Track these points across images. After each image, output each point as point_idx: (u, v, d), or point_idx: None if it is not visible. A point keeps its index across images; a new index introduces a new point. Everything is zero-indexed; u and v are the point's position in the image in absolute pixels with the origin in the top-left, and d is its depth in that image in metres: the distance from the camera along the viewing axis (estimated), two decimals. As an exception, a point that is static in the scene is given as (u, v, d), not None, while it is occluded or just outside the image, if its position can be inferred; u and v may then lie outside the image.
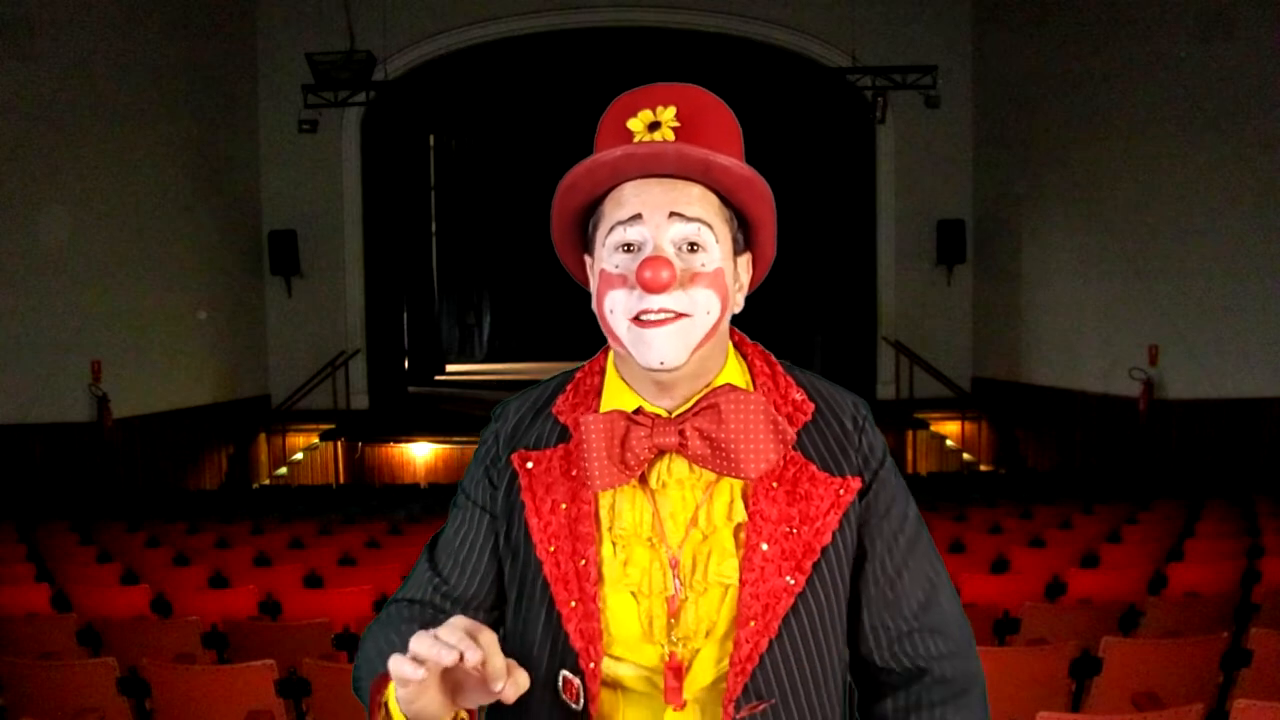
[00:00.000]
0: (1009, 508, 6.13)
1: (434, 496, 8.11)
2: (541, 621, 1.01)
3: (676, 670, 0.98)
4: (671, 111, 0.97)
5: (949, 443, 10.55)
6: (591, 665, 0.98)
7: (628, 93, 1.01)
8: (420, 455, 10.49)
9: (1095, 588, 3.79)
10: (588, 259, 1.03)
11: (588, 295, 1.04)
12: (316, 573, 4.40)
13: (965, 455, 10.46)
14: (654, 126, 0.97)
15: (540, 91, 11.57)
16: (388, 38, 10.21)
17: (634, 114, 0.98)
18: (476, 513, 1.08)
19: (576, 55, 10.80)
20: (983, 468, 10.33)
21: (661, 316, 0.93)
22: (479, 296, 16.01)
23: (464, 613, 1.04)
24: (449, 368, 15.26)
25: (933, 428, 10.51)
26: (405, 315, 12.73)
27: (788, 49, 10.85)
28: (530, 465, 1.03)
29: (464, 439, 10.15)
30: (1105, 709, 2.77)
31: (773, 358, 1.07)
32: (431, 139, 14.26)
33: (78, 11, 7.72)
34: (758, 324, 1.17)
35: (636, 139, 0.96)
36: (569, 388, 1.07)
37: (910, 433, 10.32)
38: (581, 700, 0.98)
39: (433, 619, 1.04)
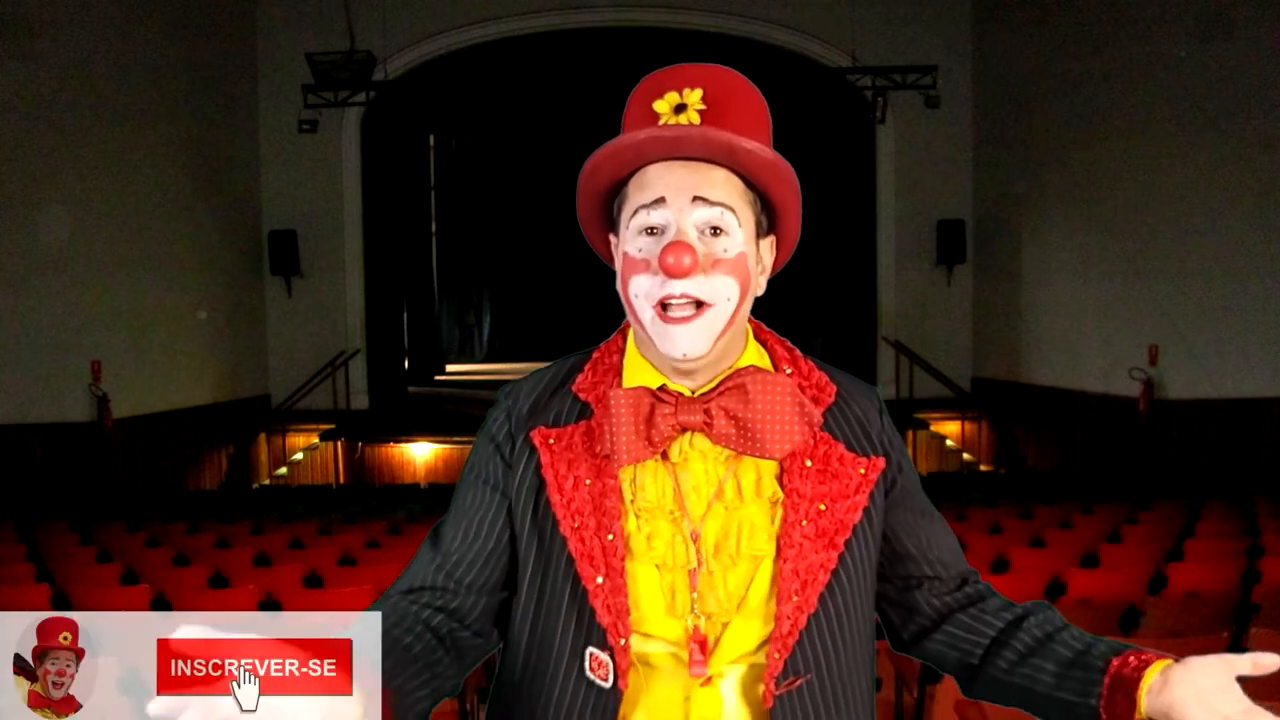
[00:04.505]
0: (1009, 508, 6.12)
1: (434, 496, 8.10)
2: (565, 600, 0.99)
3: (701, 643, 0.97)
4: (698, 94, 0.97)
5: (949, 443, 10.55)
6: (621, 641, 0.96)
7: (655, 72, 1.01)
8: (420, 455, 10.49)
9: (1095, 588, 3.78)
10: (613, 239, 1.03)
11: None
12: (316, 573, 4.40)
13: (965, 455, 10.47)
14: (680, 109, 0.97)
15: (540, 91, 11.56)
16: (388, 38, 10.21)
17: (660, 95, 0.98)
18: (487, 491, 1.04)
19: (576, 55, 10.80)
20: (983, 468, 10.33)
21: (683, 303, 0.94)
22: (479, 296, 15.97)
23: (469, 594, 1.02)
24: (449, 368, 15.23)
25: (933, 428, 10.51)
26: (405, 315, 12.71)
27: (788, 49, 10.85)
28: (551, 442, 1.02)
29: (464, 439, 10.13)
30: (1105, 709, 2.76)
31: (789, 344, 1.09)
32: (431, 139, 14.23)
33: (78, 11, 7.72)
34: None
35: (662, 121, 0.97)
36: (587, 367, 1.07)
37: (910, 433, 10.29)
38: (611, 677, 0.97)
39: (432, 603, 1.01)
